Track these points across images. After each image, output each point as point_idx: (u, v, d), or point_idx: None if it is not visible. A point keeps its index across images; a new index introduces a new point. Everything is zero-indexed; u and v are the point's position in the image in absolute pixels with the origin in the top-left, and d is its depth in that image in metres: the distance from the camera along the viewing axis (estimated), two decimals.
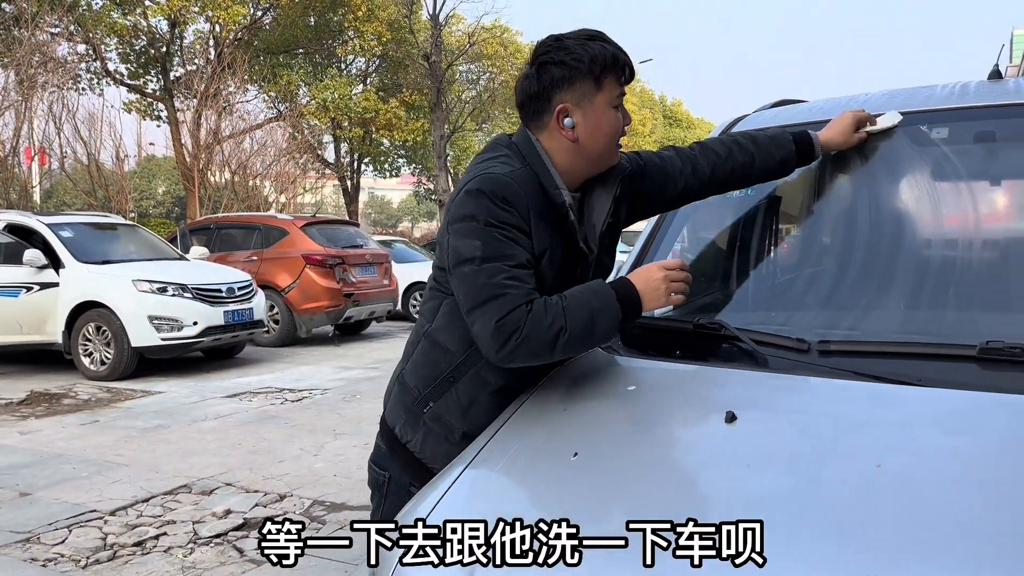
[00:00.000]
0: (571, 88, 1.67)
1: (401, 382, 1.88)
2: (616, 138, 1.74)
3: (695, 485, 1.24)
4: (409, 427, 1.84)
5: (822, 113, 2.31)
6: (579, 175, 1.76)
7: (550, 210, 1.69)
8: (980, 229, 1.84)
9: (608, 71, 1.68)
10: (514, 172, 1.67)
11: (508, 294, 1.56)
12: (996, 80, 2.17)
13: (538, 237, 1.66)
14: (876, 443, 1.27)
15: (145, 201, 40.70)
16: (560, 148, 1.72)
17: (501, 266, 1.58)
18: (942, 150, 1.97)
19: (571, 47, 1.67)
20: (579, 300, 1.60)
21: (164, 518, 4.48)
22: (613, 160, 1.77)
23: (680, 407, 1.56)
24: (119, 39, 21.32)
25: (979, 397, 1.37)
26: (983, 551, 1.03)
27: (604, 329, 1.62)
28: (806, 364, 1.60)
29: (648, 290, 1.65)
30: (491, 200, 1.61)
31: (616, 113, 1.72)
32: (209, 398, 7.71)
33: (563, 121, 1.69)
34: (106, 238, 9.75)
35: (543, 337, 1.56)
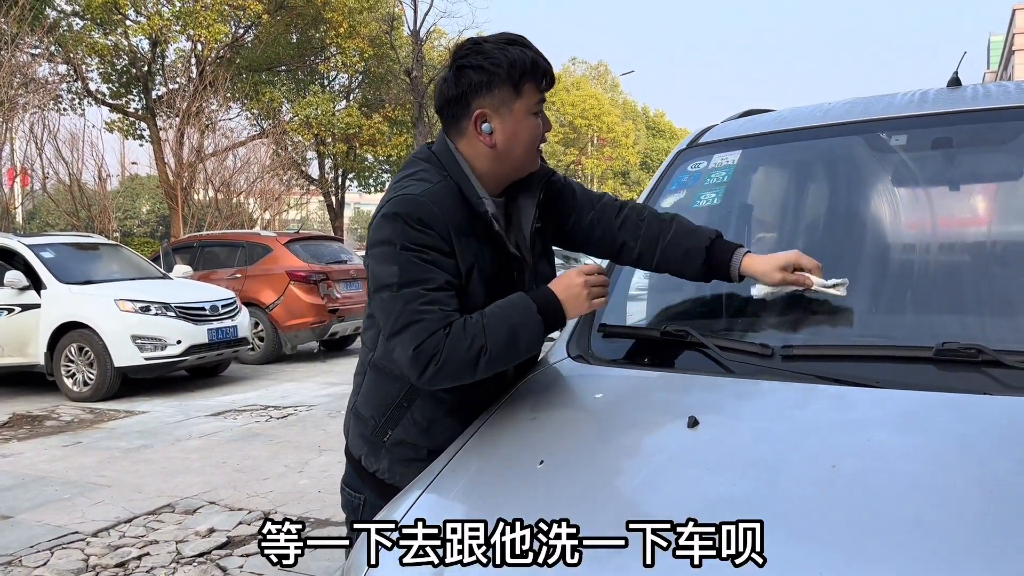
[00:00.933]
0: (489, 94, 1.65)
1: (356, 414, 1.87)
2: (535, 144, 1.73)
3: (654, 489, 1.26)
4: (372, 456, 1.83)
5: (787, 122, 2.36)
6: (500, 181, 1.76)
7: (474, 221, 1.68)
8: (938, 233, 1.88)
9: (527, 77, 1.66)
10: (431, 189, 1.65)
11: (424, 319, 1.56)
12: (955, 87, 2.22)
13: (463, 252, 1.65)
14: (832, 445, 1.30)
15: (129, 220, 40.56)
16: (479, 154, 1.71)
17: (419, 291, 1.58)
18: (901, 156, 2.01)
19: (490, 51, 1.65)
20: (499, 316, 1.61)
21: (147, 538, 4.46)
22: (533, 166, 1.76)
23: (644, 413, 1.59)
24: (100, 59, 21.29)
25: (933, 397, 1.40)
26: (933, 547, 1.06)
27: (527, 342, 1.63)
28: (769, 369, 1.63)
29: (570, 297, 1.66)
30: (406, 223, 1.60)
31: (535, 120, 1.70)
32: (193, 417, 7.67)
33: (481, 127, 1.68)
34: (88, 258, 9.71)
35: (463, 359, 1.57)
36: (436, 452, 1.72)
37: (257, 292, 11.23)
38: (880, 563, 1.05)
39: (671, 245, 1.82)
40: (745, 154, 2.31)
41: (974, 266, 1.81)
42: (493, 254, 1.71)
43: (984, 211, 1.95)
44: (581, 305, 1.67)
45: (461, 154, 1.72)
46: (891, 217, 1.95)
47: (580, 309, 1.68)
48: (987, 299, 1.71)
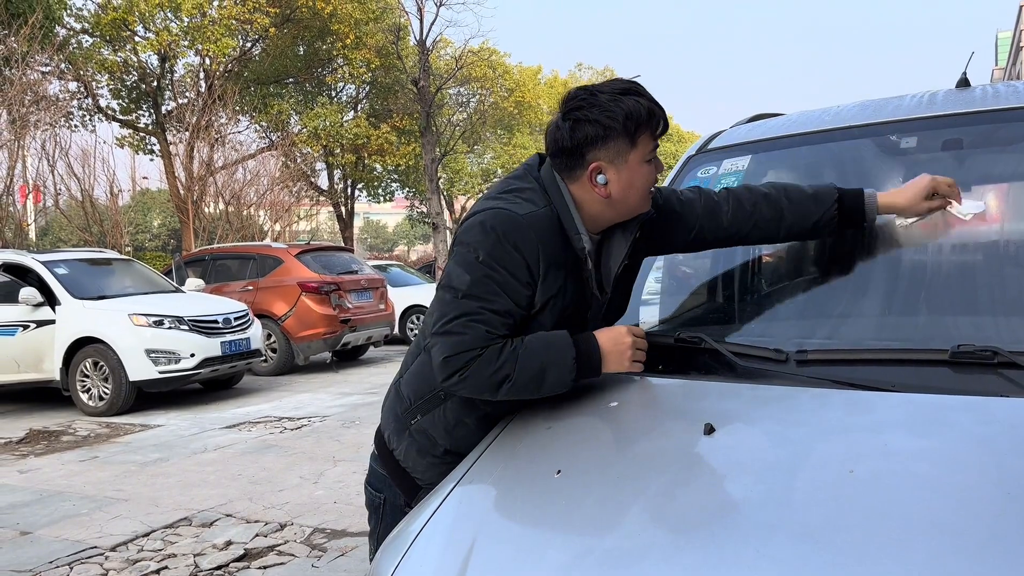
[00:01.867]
0: (605, 146, 1.65)
1: (397, 389, 1.92)
2: (648, 190, 1.72)
3: (671, 497, 1.26)
4: (396, 434, 1.87)
5: (797, 126, 2.36)
6: (606, 223, 1.77)
7: (567, 253, 1.69)
8: (950, 234, 1.87)
9: (643, 127, 1.65)
10: (534, 213, 1.65)
11: (466, 335, 1.60)
12: (964, 88, 2.22)
13: (548, 282, 1.66)
14: (849, 449, 1.30)
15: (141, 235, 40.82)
16: (591, 200, 1.71)
17: (477, 307, 1.61)
18: (912, 159, 2.01)
19: (605, 104, 1.64)
20: (534, 350, 1.62)
21: (165, 552, 4.48)
22: (644, 208, 1.76)
23: (660, 421, 1.59)
24: (110, 75, 21.48)
25: (949, 400, 1.40)
26: (950, 551, 1.06)
27: (553, 383, 1.64)
28: (784, 374, 1.63)
29: (613, 352, 1.67)
30: (498, 239, 1.61)
31: (650, 167, 1.70)
32: (208, 429, 7.71)
33: (596, 179, 1.67)
34: (101, 273, 9.79)
35: (486, 382, 1.61)
36: (451, 453, 1.75)
37: (269, 304, 11.29)
38: (896, 567, 1.05)
39: (798, 220, 1.86)
40: (755, 159, 2.32)
41: (987, 267, 1.81)
42: (575, 289, 1.73)
43: (996, 211, 1.94)
44: (621, 363, 1.68)
45: (570, 192, 1.72)
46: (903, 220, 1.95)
47: (619, 366, 1.69)
48: (1001, 300, 1.71)
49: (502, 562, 1.25)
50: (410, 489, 1.84)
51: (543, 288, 1.66)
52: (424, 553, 1.36)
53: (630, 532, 1.18)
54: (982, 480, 1.19)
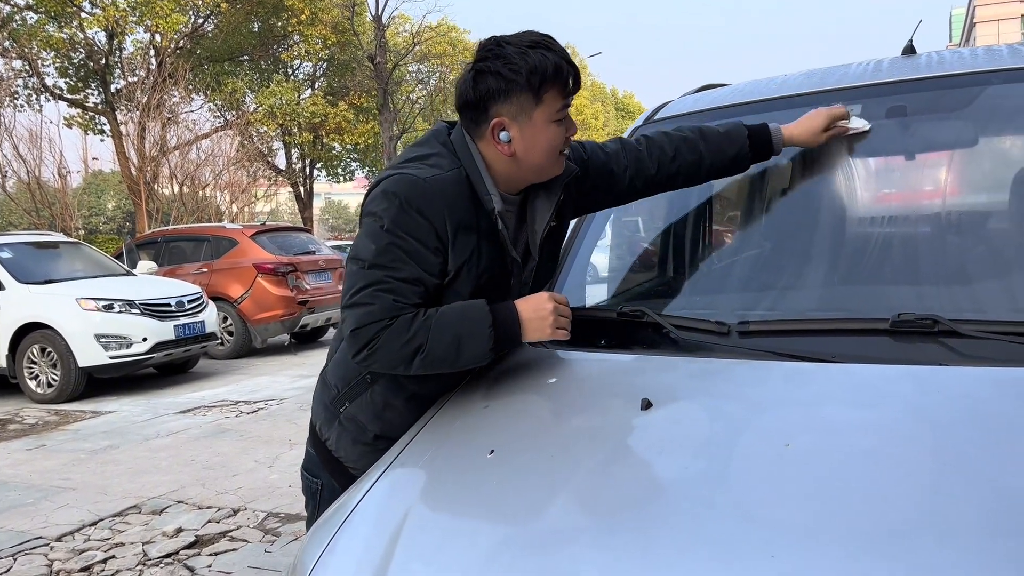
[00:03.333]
0: (507, 101, 1.58)
1: (323, 378, 1.86)
2: (556, 151, 1.64)
3: (604, 476, 1.22)
4: (326, 424, 1.82)
5: (743, 95, 2.32)
6: (518, 183, 1.70)
7: (479, 217, 1.62)
8: (893, 203, 1.85)
9: (549, 83, 1.57)
10: (440, 176, 1.59)
11: (374, 305, 1.54)
12: (910, 55, 2.20)
13: (459, 247, 1.60)
14: (786, 423, 1.26)
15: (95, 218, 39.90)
16: (497, 158, 1.64)
17: (383, 276, 1.55)
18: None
19: (510, 56, 1.56)
20: (449, 320, 1.56)
21: (112, 541, 4.37)
22: (556, 170, 1.68)
23: (597, 398, 1.54)
24: (56, 53, 20.81)
25: (889, 370, 1.37)
26: (886, 524, 1.02)
27: (471, 353, 1.57)
28: (726, 347, 1.59)
29: (534, 319, 1.60)
30: (402, 206, 1.55)
31: (557, 128, 1.62)
32: (162, 415, 7.55)
33: (499, 136, 1.60)
34: (48, 257, 9.50)
35: (397, 354, 1.55)
36: (382, 438, 1.70)
37: (224, 286, 11.08)
38: (831, 541, 1.02)
39: (715, 159, 1.90)
40: None
41: (930, 236, 1.79)
42: (491, 253, 1.65)
43: (940, 180, 1.92)
44: (543, 331, 1.61)
45: (479, 151, 1.66)
46: (847, 188, 1.92)
47: (540, 335, 1.62)
48: (943, 269, 1.69)
49: (429, 547, 1.20)
50: (345, 480, 1.78)
51: (454, 253, 1.59)
52: (351, 538, 1.30)
53: (560, 514, 1.13)
54: (919, 452, 1.16)
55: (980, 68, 1.96)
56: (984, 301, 1.58)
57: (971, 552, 0.97)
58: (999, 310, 1.55)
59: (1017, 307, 1.55)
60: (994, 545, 0.98)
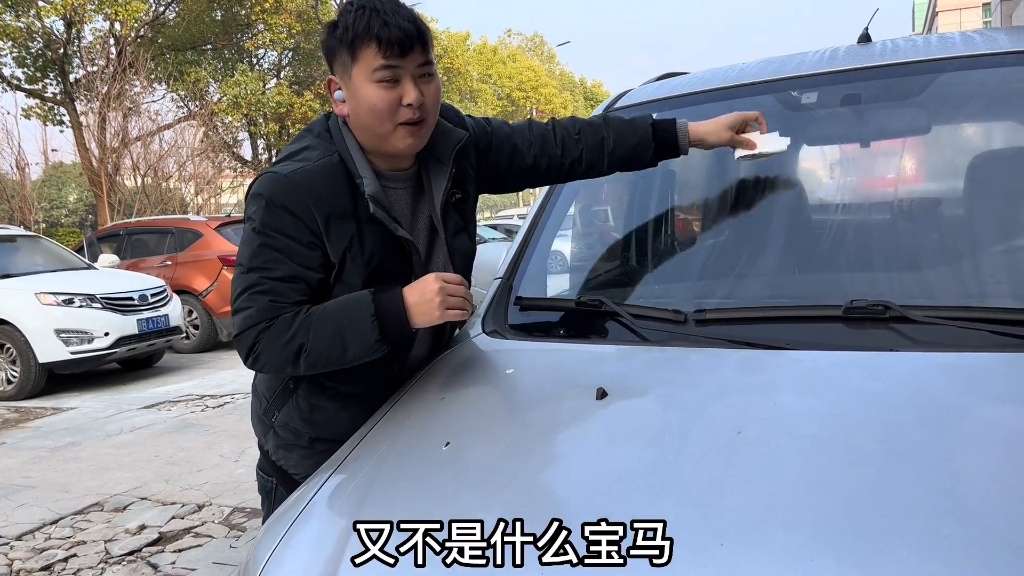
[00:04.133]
0: (336, 60, 1.57)
1: (254, 389, 1.84)
2: (384, 116, 1.53)
3: (558, 466, 1.21)
4: (263, 435, 1.80)
5: (703, 83, 2.33)
6: (384, 154, 1.62)
7: (357, 202, 1.57)
8: (848, 191, 1.86)
9: (361, 41, 1.50)
10: (306, 169, 1.54)
11: (251, 308, 1.52)
12: (865, 43, 2.21)
13: (335, 237, 1.55)
14: (739, 410, 1.27)
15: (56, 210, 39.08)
16: (352, 126, 1.61)
17: (258, 277, 1.52)
18: (812, 114, 1.99)
19: (340, 13, 1.56)
20: (329, 315, 1.53)
21: (74, 539, 4.30)
22: (399, 142, 1.58)
23: (554, 388, 1.54)
24: (13, 42, 20.32)
25: (841, 357, 1.39)
26: (831, 510, 1.03)
27: (357, 347, 1.53)
28: (682, 335, 1.59)
29: (420, 303, 1.55)
30: (268, 205, 1.52)
31: (377, 88, 1.52)
32: (125, 411, 7.44)
33: (334, 94, 1.60)
34: (4, 251, 9.26)
35: (282, 354, 1.53)
36: (320, 441, 1.68)
37: (189, 279, 10.92)
38: (779, 528, 1.02)
39: (617, 146, 1.83)
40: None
41: (883, 223, 1.80)
42: (377, 237, 1.59)
43: (893, 167, 1.94)
44: (431, 314, 1.54)
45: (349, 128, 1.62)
46: (803, 176, 1.93)
47: (429, 318, 1.55)
48: (896, 256, 1.71)
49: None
50: (293, 486, 1.75)
51: (331, 244, 1.55)
52: (304, 534, 1.28)
53: (511, 507, 1.12)
54: (867, 437, 1.17)
55: (933, 56, 1.98)
56: (935, 287, 1.60)
57: (919, 536, 0.98)
58: (949, 296, 1.57)
59: (966, 293, 1.57)
60: (942, 529, 0.99)
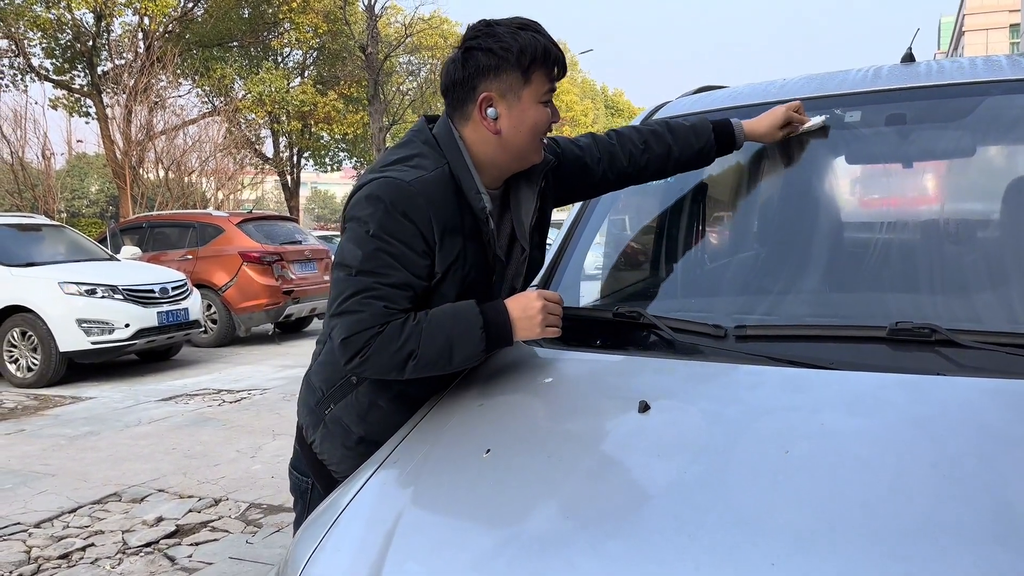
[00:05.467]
0: (497, 78, 1.59)
1: (307, 381, 1.84)
2: (540, 135, 1.66)
3: (601, 479, 1.21)
4: (312, 427, 1.80)
5: (742, 98, 2.32)
6: (502, 171, 1.70)
7: (465, 216, 1.61)
8: (891, 211, 1.85)
9: (537, 64, 1.60)
10: (424, 177, 1.57)
11: (364, 313, 1.53)
12: (909, 63, 2.20)
13: (446, 250, 1.59)
14: (785, 429, 1.26)
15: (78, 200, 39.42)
16: (482, 141, 1.64)
17: (372, 282, 1.54)
18: (855, 132, 1.98)
19: (501, 35, 1.59)
20: (439, 323, 1.55)
21: (92, 528, 4.32)
22: (537, 157, 1.70)
23: (594, 399, 1.53)
24: (43, 33, 20.55)
25: (886, 379, 1.37)
26: (883, 534, 1.02)
27: (464, 355, 1.57)
28: (722, 350, 1.59)
29: (523, 318, 1.60)
30: (387, 210, 1.54)
31: (543, 109, 1.63)
32: (143, 402, 7.49)
33: (486, 111, 1.61)
34: (30, 240, 9.38)
35: (390, 360, 1.54)
36: (366, 441, 1.68)
37: (209, 274, 10.99)
38: (829, 549, 1.01)
39: (683, 152, 1.96)
40: None
41: (928, 244, 1.79)
42: (477, 253, 1.65)
43: (938, 188, 1.93)
44: (533, 329, 1.61)
45: (464, 140, 1.65)
46: (846, 195, 1.92)
47: (530, 333, 1.62)
48: (941, 277, 1.69)
49: (424, 548, 1.19)
50: (329, 483, 1.76)
51: (441, 256, 1.59)
52: (342, 539, 1.28)
53: (556, 517, 1.12)
54: (917, 462, 1.16)
55: (979, 78, 1.97)
56: (981, 311, 1.59)
57: (968, 561, 0.97)
58: (996, 321, 1.55)
59: (1014, 318, 1.56)
60: (990, 554, 0.98)
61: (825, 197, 1.91)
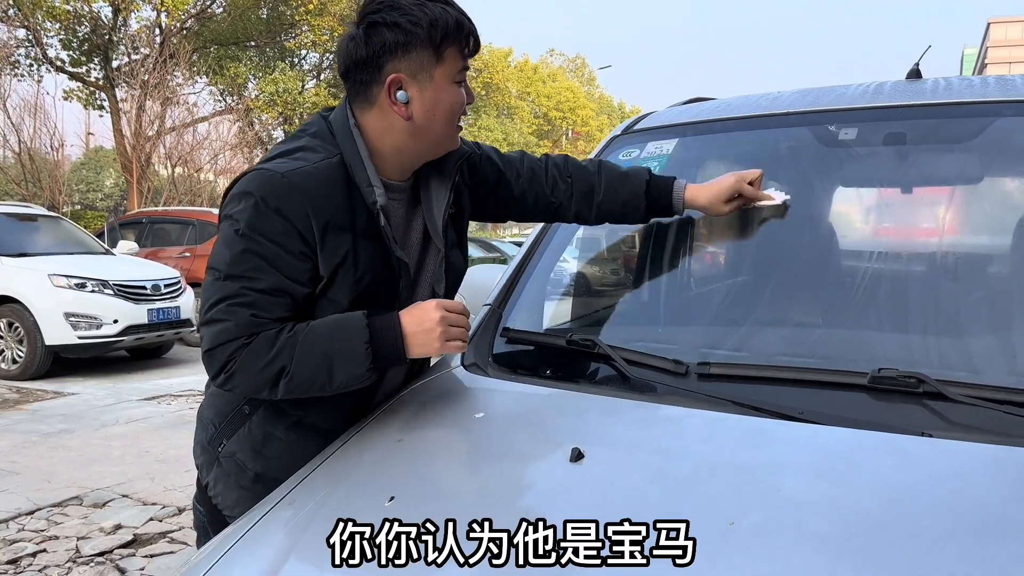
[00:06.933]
0: (406, 56, 1.39)
1: (200, 416, 1.64)
2: (456, 118, 1.48)
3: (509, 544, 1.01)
4: (206, 467, 1.60)
5: (731, 110, 2.13)
6: (412, 161, 1.51)
7: (357, 212, 1.42)
8: (883, 241, 1.65)
9: (450, 39, 1.41)
10: (303, 169, 1.38)
11: (228, 322, 1.34)
12: (914, 80, 2.00)
13: (329, 249, 1.39)
14: (735, 493, 1.06)
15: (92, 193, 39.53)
16: (392, 128, 1.45)
17: (239, 288, 1.35)
18: (849, 151, 1.78)
19: (407, 7, 1.39)
20: (318, 336, 1.36)
21: (47, 533, 4.14)
22: (452, 144, 1.51)
23: (525, 441, 1.33)
24: (60, 25, 20.58)
25: (863, 437, 1.17)
26: None
27: (347, 375, 1.37)
28: (680, 390, 1.39)
29: (419, 332, 1.39)
30: (257, 206, 1.35)
31: (458, 90, 1.45)
32: (125, 400, 7.31)
33: (395, 95, 1.42)
34: (24, 230, 9.24)
35: (259, 377, 1.35)
36: (264, 479, 1.49)
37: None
38: None
39: (606, 198, 1.74)
40: (682, 143, 2.08)
41: (922, 280, 1.58)
42: (373, 253, 1.44)
43: (938, 218, 1.72)
44: (430, 345, 1.40)
45: (363, 128, 1.46)
46: (834, 220, 1.72)
47: (427, 349, 1.41)
48: (934, 319, 1.48)
49: None
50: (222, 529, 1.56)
51: (324, 257, 1.39)
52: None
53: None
54: (889, 544, 0.95)
55: (991, 98, 1.77)
56: (978, 360, 1.38)
57: None
58: (995, 373, 1.35)
59: (1017, 370, 1.35)
60: None
61: (811, 221, 1.71)
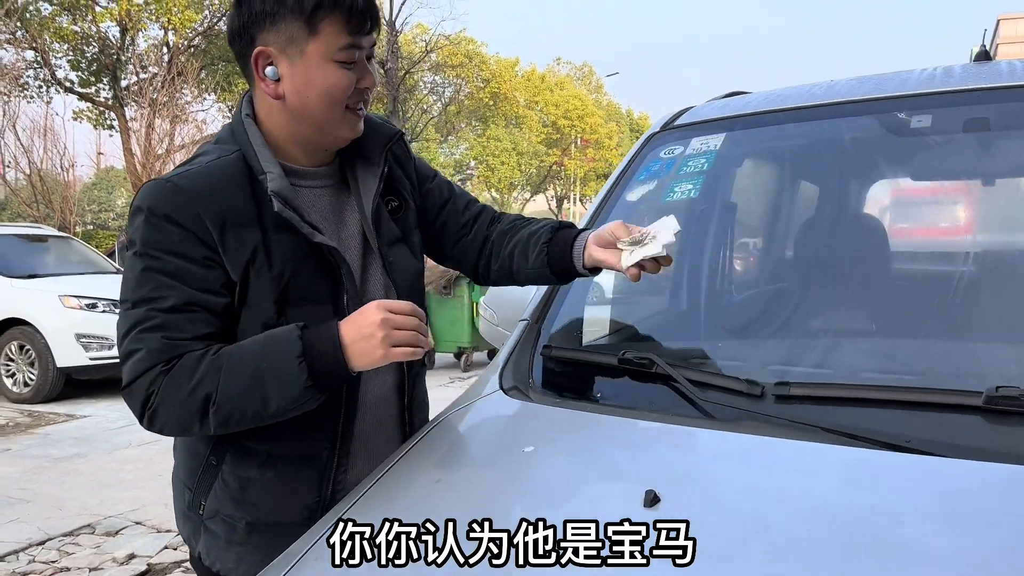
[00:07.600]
0: (275, 27, 1.24)
1: (174, 482, 1.46)
2: (338, 100, 1.28)
3: None
4: (193, 536, 1.42)
5: (781, 100, 1.95)
6: (312, 145, 1.34)
7: (263, 203, 1.27)
8: (973, 239, 1.47)
9: (325, 11, 1.23)
10: (192, 171, 1.26)
11: (139, 351, 1.19)
12: (984, 62, 1.82)
13: (232, 246, 1.23)
14: (857, 548, 0.88)
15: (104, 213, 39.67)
16: (271, 109, 1.30)
17: (146, 312, 1.20)
18: (924, 140, 1.60)
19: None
20: (243, 356, 1.19)
21: (58, 564, 3.98)
22: (347, 132, 1.32)
23: (584, 480, 1.15)
24: (69, 45, 20.63)
25: (989, 471, 0.99)
26: None
27: (284, 397, 1.18)
28: (758, 415, 1.21)
29: (358, 340, 1.19)
30: (149, 220, 1.21)
31: (339, 70, 1.27)
32: (136, 423, 7.15)
33: (264, 70, 1.27)
34: (34, 251, 9.15)
35: (184, 407, 1.18)
36: (256, 528, 1.32)
37: None
38: None
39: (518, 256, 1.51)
40: (731, 137, 1.89)
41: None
42: (292, 245, 1.27)
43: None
44: (372, 353, 1.19)
45: (255, 112, 1.33)
46: (913, 218, 1.54)
47: (371, 359, 1.20)
48: None
49: None
50: None
51: (229, 257, 1.23)
52: None
53: None
54: None
55: None
56: None
57: None
58: None
59: None
60: None
61: (892, 216, 1.53)
